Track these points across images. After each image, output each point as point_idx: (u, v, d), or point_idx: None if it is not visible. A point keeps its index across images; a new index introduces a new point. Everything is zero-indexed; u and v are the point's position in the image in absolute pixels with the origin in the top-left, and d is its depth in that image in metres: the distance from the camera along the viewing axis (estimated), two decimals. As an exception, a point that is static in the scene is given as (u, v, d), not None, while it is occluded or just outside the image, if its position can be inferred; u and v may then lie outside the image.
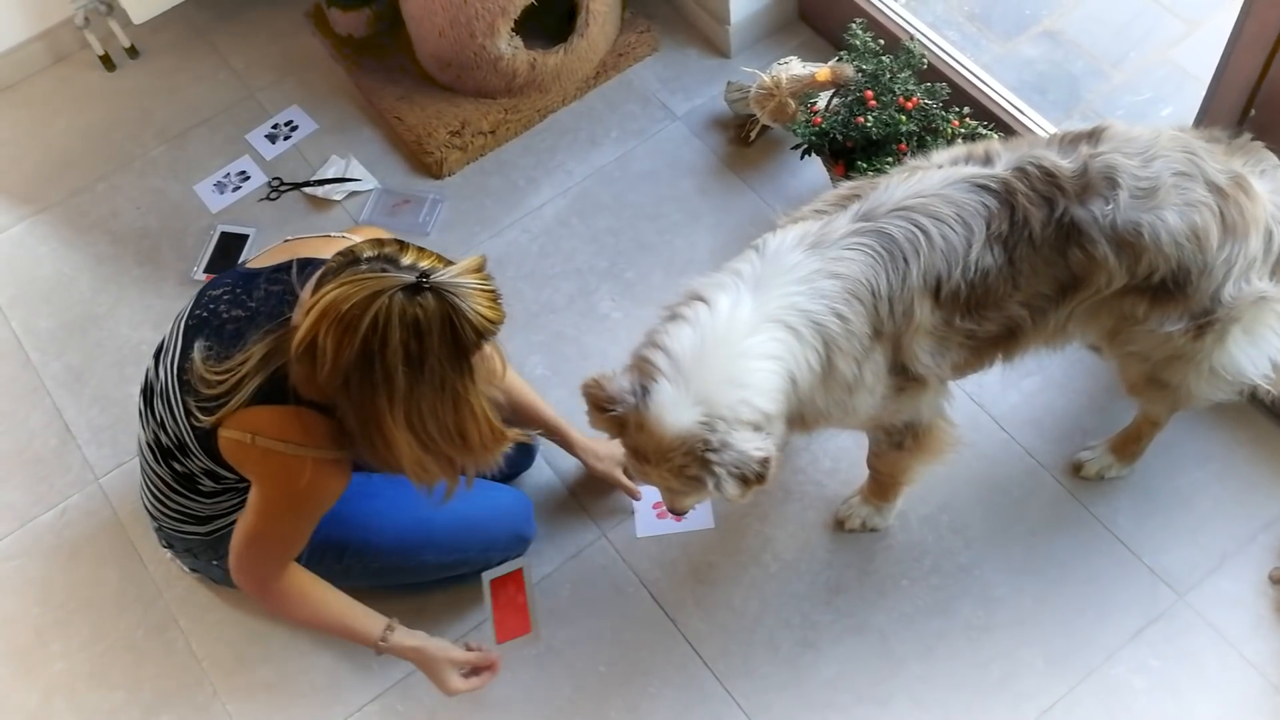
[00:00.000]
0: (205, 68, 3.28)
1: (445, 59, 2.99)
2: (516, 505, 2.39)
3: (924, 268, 1.87)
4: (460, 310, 1.71)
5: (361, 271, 1.71)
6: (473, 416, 1.83)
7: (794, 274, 1.86)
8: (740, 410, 1.81)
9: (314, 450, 1.88)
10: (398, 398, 1.75)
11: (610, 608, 2.38)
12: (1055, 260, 1.91)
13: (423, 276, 1.70)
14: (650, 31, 3.16)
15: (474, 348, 1.76)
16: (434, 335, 1.71)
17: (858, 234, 1.88)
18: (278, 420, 1.86)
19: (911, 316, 1.89)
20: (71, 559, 2.53)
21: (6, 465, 2.67)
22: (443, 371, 1.75)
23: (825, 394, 1.92)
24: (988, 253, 1.88)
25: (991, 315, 1.94)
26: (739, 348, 1.83)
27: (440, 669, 2.18)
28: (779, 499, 2.46)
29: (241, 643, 2.40)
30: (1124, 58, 3.05)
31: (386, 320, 1.68)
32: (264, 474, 1.93)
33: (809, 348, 1.85)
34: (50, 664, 2.41)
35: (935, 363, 1.96)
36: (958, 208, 1.88)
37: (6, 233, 3.04)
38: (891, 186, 1.92)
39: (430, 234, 2.91)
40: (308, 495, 1.93)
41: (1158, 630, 2.27)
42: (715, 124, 3.03)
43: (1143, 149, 1.90)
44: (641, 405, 1.84)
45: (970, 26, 3.13)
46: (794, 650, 2.30)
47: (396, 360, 1.71)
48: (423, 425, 1.80)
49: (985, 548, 2.37)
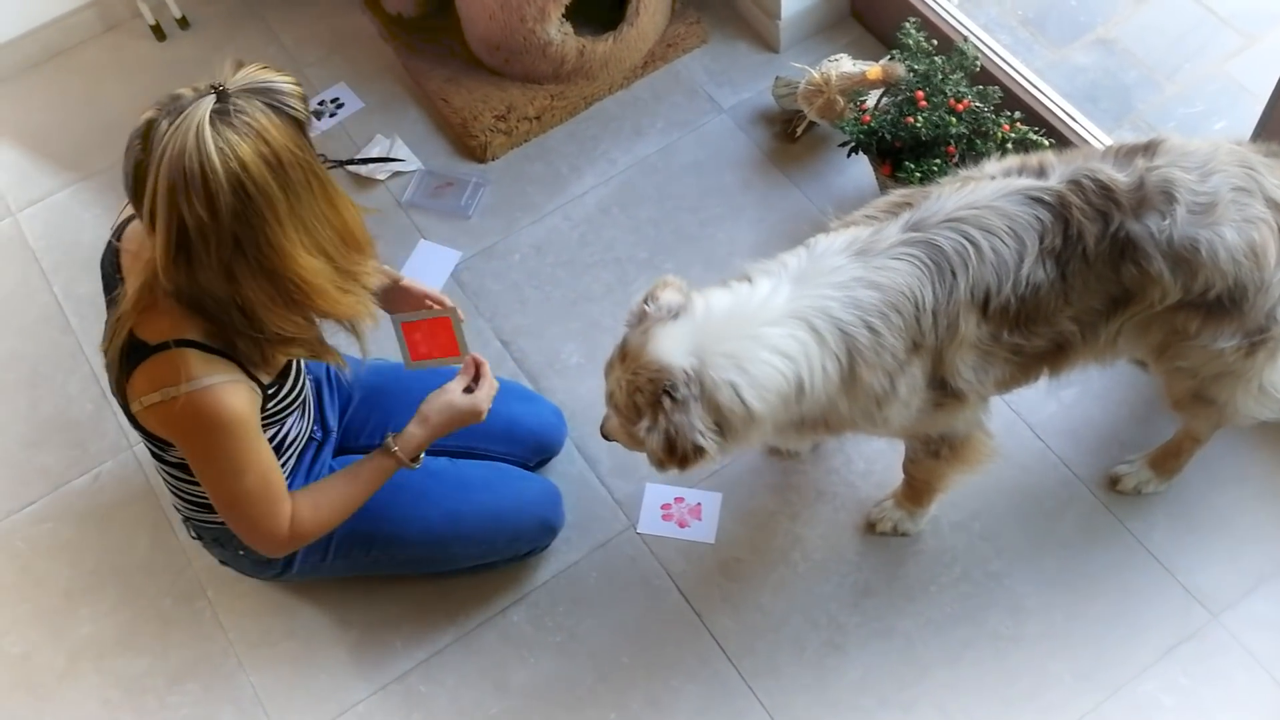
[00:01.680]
0: (254, 41, 3.28)
1: (494, 42, 2.99)
2: (545, 494, 2.38)
3: (972, 281, 1.84)
4: (271, 90, 1.65)
5: (164, 132, 1.60)
6: (342, 202, 1.77)
7: (833, 278, 1.85)
8: (722, 392, 1.80)
9: (186, 384, 1.76)
10: (284, 215, 1.66)
11: (636, 599, 2.38)
12: (1108, 275, 1.88)
13: (216, 88, 1.63)
14: (700, 23, 3.15)
15: (306, 115, 1.70)
16: (270, 126, 1.63)
17: (906, 244, 1.86)
18: (150, 374, 1.78)
19: (955, 330, 1.87)
20: (103, 524, 2.55)
21: (43, 429, 2.69)
22: (298, 157, 1.66)
23: (849, 402, 1.90)
24: (1040, 267, 1.85)
25: (1041, 330, 1.91)
26: (756, 332, 1.82)
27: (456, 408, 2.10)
28: (811, 498, 2.45)
29: (267, 615, 2.41)
30: (1178, 69, 3.01)
31: (228, 142, 1.59)
32: (173, 433, 1.86)
33: (829, 354, 1.83)
34: (78, 627, 2.43)
35: (977, 378, 1.94)
36: (1010, 220, 1.85)
37: (51, 198, 3.06)
38: (943, 197, 1.89)
39: (472, 217, 2.91)
40: (219, 429, 1.81)
41: (1189, 649, 2.24)
42: (761, 118, 3.01)
43: (1200, 163, 1.86)
44: (657, 318, 1.86)
45: (1023, 31, 3.10)
46: (819, 651, 2.29)
47: (263, 173, 1.62)
48: (316, 238, 1.72)
49: (1016, 557, 2.35)
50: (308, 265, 1.72)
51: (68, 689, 2.37)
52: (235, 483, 1.88)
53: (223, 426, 1.81)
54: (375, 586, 2.40)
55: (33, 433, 2.69)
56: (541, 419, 2.46)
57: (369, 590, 2.40)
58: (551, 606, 2.38)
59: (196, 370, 1.76)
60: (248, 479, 1.88)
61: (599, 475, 2.52)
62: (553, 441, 2.48)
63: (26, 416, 2.71)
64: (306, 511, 1.99)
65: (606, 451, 2.54)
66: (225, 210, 1.61)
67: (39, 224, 3.02)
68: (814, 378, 1.84)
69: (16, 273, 2.94)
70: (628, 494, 2.49)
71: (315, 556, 2.22)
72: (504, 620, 2.37)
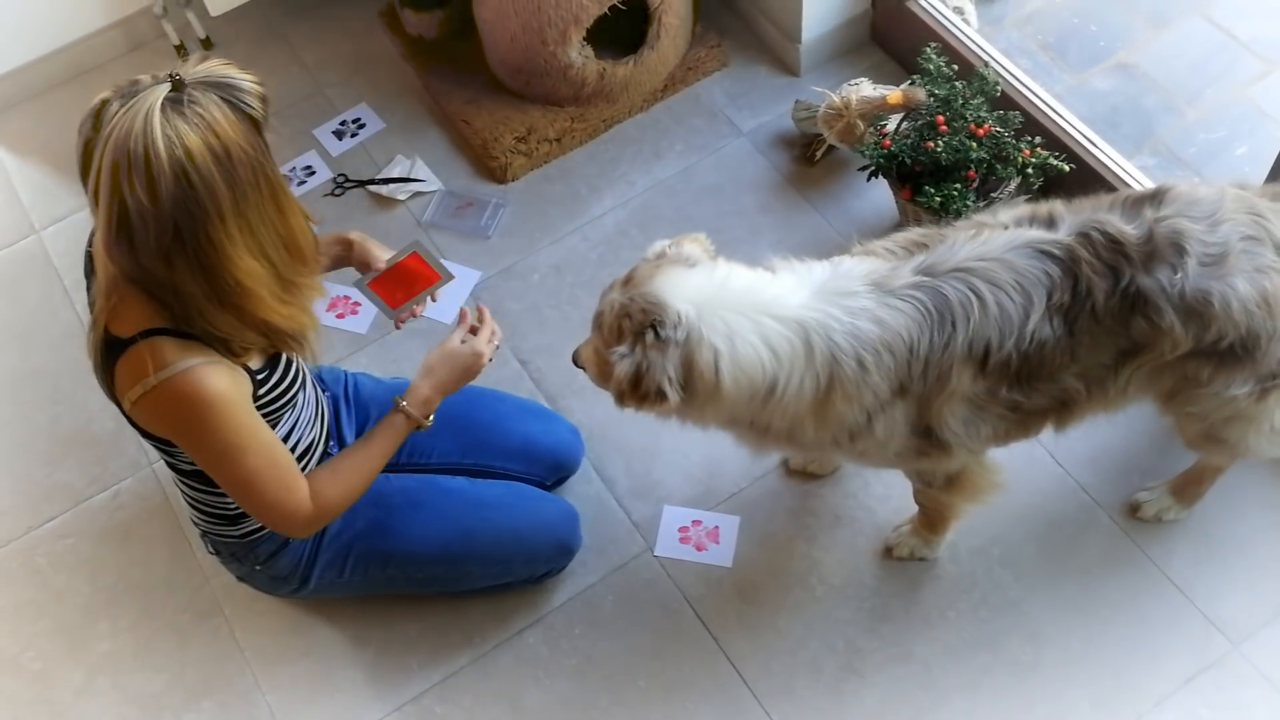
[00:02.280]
0: (277, 62, 3.31)
1: (516, 65, 3.00)
2: (562, 515, 2.38)
3: (971, 335, 1.83)
4: (228, 85, 1.64)
5: (114, 113, 1.60)
6: (290, 210, 1.75)
7: (846, 302, 1.85)
8: (703, 352, 1.79)
9: (163, 371, 1.73)
10: (227, 213, 1.64)
11: (653, 622, 2.37)
12: (1117, 330, 1.86)
13: (173, 76, 1.62)
14: (720, 47, 3.16)
15: (263, 119, 1.68)
16: (222, 120, 1.61)
17: (915, 287, 1.85)
18: (127, 369, 1.75)
19: (946, 381, 1.86)
20: (123, 541, 2.56)
21: (64, 446, 2.71)
22: (249, 155, 1.64)
23: (817, 425, 1.90)
24: (1046, 324, 1.84)
25: (1043, 387, 1.90)
26: (759, 318, 1.82)
27: (457, 353, 2.08)
28: (828, 523, 2.44)
29: (284, 634, 2.42)
30: (1199, 94, 3.01)
31: (176, 130, 1.57)
32: (160, 427, 1.83)
33: (811, 372, 1.83)
34: (97, 643, 2.44)
35: (967, 432, 1.93)
36: (1018, 275, 1.83)
37: (74, 216, 3.08)
38: (957, 244, 1.88)
39: (492, 237, 2.92)
40: (205, 410, 1.76)
41: (1209, 679, 2.22)
42: (781, 142, 3.02)
43: (1208, 212, 1.85)
44: (675, 259, 1.87)
45: (1044, 56, 3.10)
46: (837, 675, 2.28)
47: (208, 165, 1.59)
48: (259, 244, 1.70)
49: (1036, 583, 2.34)
50: (246, 268, 1.69)
51: (85, 705, 2.38)
52: (239, 464, 1.83)
53: (208, 406, 1.75)
54: (392, 606, 2.41)
55: (54, 449, 2.70)
56: (559, 438, 2.46)
57: (386, 610, 2.41)
58: (568, 628, 2.37)
59: (169, 356, 1.72)
60: (250, 458, 1.83)
61: (616, 497, 2.52)
62: (570, 460, 2.48)
63: (48, 433, 2.73)
64: (326, 482, 1.96)
65: (624, 472, 2.54)
66: (166, 196, 1.59)
67: (62, 241, 3.05)
68: (789, 387, 1.84)
69: (39, 290, 2.97)
70: (645, 516, 2.49)
71: (332, 573, 2.22)
72: (520, 642, 2.37)
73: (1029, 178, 2.53)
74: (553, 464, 2.44)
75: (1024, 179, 2.55)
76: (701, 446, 2.54)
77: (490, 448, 2.36)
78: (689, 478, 2.52)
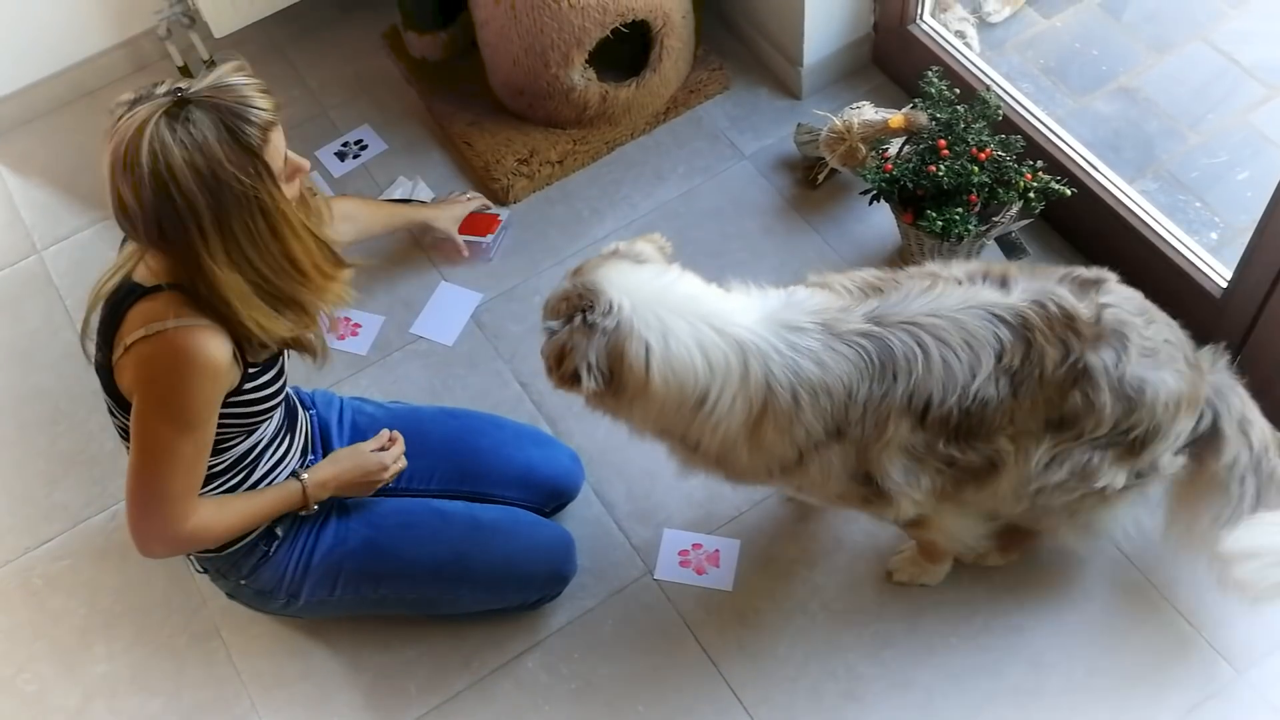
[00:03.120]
0: (280, 83, 3.32)
1: (518, 87, 3.01)
2: (558, 542, 2.36)
3: (913, 388, 1.86)
4: (230, 109, 1.68)
5: (121, 118, 1.68)
6: (291, 230, 1.77)
7: (791, 337, 1.86)
8: (633, 344, 1.81)
9: (174, 320, 1.77)
10: (208, 226, 1.68)
11: (652, 646, 2.35)
12: (1055, 399, 1.90)
13: (175, 91, 1.68)
14: (722, 70, 3.16)
15: (260, 146, 1.70)
16: (214, 143, 1.66)
17: (863, 335, 1.87)
18: (142, 312, 1.80)
19: (884, 430, 1.88)
20: (120, 563, 2.55)
21: (63, 466, 2.70)
22: (240, 180, 1.68)
23: (750, 452, 1.91)
24: (992, 384, 1.87)
25: (979, 445, 1.93)
26: (699, 325, 1.84)
27: (363, 455, 2.15)
28: (830, 547, 2.43)
29: (281, 657, 2.40)
30: (1201, 119, 3.01)
31: (163, 145, 1.64)
32: (139, 375, 1.82)
33: (744, 395, 1.84)
34: (93, 666, 2.43)
35: (907, 482, 1.94)
36: (968, 335, 1.86)
37: (76, 236, 3.09)
38: (910, 295, 1.90)
39: (493, 259, 2.92)
40: (193, 370, 1.78)
41: (1214, 707, 2.20)
42: (783, 165, 3.02)
43: (1140, 310, 1.95)
44: (623, 254, 1.91)
45: (1046, 80, 3.10)
46: (837, 702, 2.26)
47: (189, 181, 1.65)
48: (247, 254, 1.73)
49: (1039, 610, 2.32)
50: (226, 279, 1.74)
51: (80, 729, 2.36)
52: (175, 440, 1.83)
53: (196, 369, 1.78)
54: (390, 630, 2.39)
55: (53, 469, 2.70)
56: (558, 464, 2.45)
57: (384, 634, 2.39)
58: (567, 653, 2.36)
59: (186, 311, 1.78)
60: (188, 443, 1.84)
61: (616, 520, 2.51)
62: (569, 487, 2.47)
63: (47, 453, 2.72)
64: (210, 512, 1.97)
65: (624, 496, 2.53)
66: (147, 203, 1.67)
67: (63, 261, 3.05)
68: (720, 403, 1.85)
69: (40, 310, 2.97)
70: (645, 540, 2.48)
71: (323, 590, 2.21)
72: (519, 666, 2.35)
73: (1031, 202, 2.53)
74: (552, 491, 2.43)
75: (1026, 203, 2.54)
76: (702, 470, 2.53)
77: (489, 474, 2.35)
78: (689, 501, 2.51)
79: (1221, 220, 2.81)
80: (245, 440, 2.01)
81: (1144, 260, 2.59)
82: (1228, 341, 2.46)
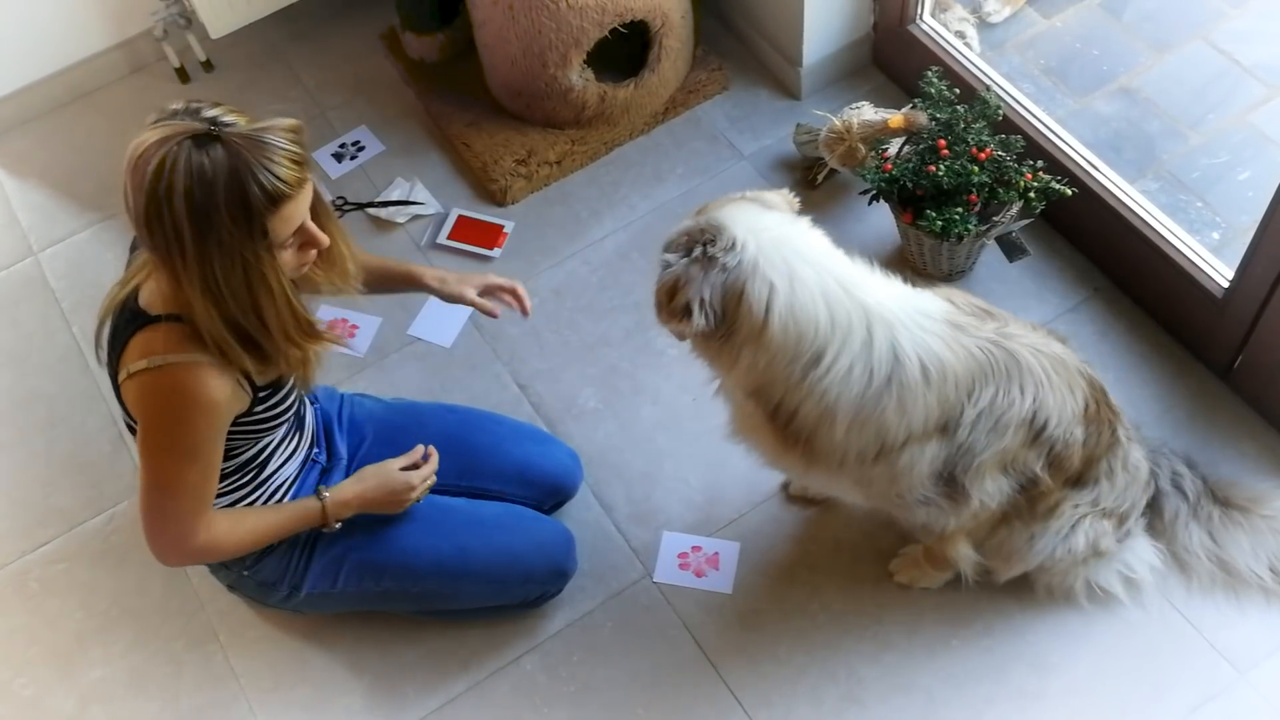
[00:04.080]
0: (277, 84, 3.31)
1: (516, 88, 3.00)
2: (558, 538, 2.35)
3: (1037, 405, 1.88)
4: (248, 164, 1.65)
5: (162, 121, 1.67)
6: (268, 292, 1.76)
7: (920, 320, 1.82)
8: (755, 285, 1.72)
9: (174, 355, 1.77)
10: (189, 255, 1.68)
11: (652, 649, 2.34)
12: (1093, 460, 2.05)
13: (213, 125, 1.66)
14: (721, 70, 3.15)
15: (264, 211, 1.68)
16: (219, 189, 1.64)
17: (991, 343, 1.86)
18: (142, 343, 1.80)
19: (1001, 437, 1.88)
20: (118, 566, 2.53)
21: (60, 469, 2.69)
22: (231, 232, 1.67)
23: (850, 428, 1.83)
24: (1080, 427, 1.96)
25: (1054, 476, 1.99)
26: (826, 278, 1.75)
27: (390, 474, 2.12)
28: (830, 549, 2.42)
29: (279, 661, 2.39)
30: (1202, 119, 3.00)
31: (172, 166, 1.63)
32: (139, 406, 1.83)
33: (864, 363, 1.77)
34: (90, 670, 2.41)
35: (994, 492, 1.96)
36: (1071, 378, 1.95)
37: (73, 238, 3.08)
38: (1024, 328, 1.93)
39: (491, 261, 2.91)
40: (192, 408, 1.80)
41: (1216, 708, 2.19)
42: (782, 165, 3.01)
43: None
44: (755, 198, 1.84)
45: (1046, 80, 3.09)
46: (838, 705, 2.25)
47: (181, 210, 1.64)
48: (218, 292, 1.72)
49: (1040, 611, 2.31)
50: (199, 306, 1.73)
51: (77, 733, 2.35)
52: (179, 469, 1.85)
53: (193, 406, 1.79)
54: (389, 632, 2.38)
55: (49, 472, 2.68)
56: (557, 462, 2.44)
57: (382, 636, 2.38)
58: (566, 656, 2.35)
59: (185, 346, 1.77)
60: (193, 471, 1.86)
61: (615, 522, 2.50)
62: (568, 485, 2.46)
63: (44, 456, 2.71)
64: (225, 525, 1.97)
65: (624, 498, 2.52)
66: (141, 209, 1.67)
67: (60, 263, 3.04)
68: (836, 366, 1.76)
69: (37, 312, 2.95)
70: (644, 542, 2.47)
71: (325, 582, 2.20)
72: (517, 669, 2.34)
73: (1031, 202, 2.52)
74: (550, 488, 2.42)
75: (1026, 203, 2.53)
76: (702, 472, 2.52)
77: (487, 471, 2.34)
78: (689, 504, 2.50)
79: (1223, 220, 2.80)
80: (254, 446, 2.02)
81: (1145, 260, 2.58)
82: (1229, 342, 2.46)
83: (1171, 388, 2.55)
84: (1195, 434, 2.47)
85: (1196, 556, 2.28)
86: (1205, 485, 2.31)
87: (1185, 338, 2.59)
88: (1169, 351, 2.60)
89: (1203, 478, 2.32)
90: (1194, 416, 2.50)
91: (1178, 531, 2.28)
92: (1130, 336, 2.63)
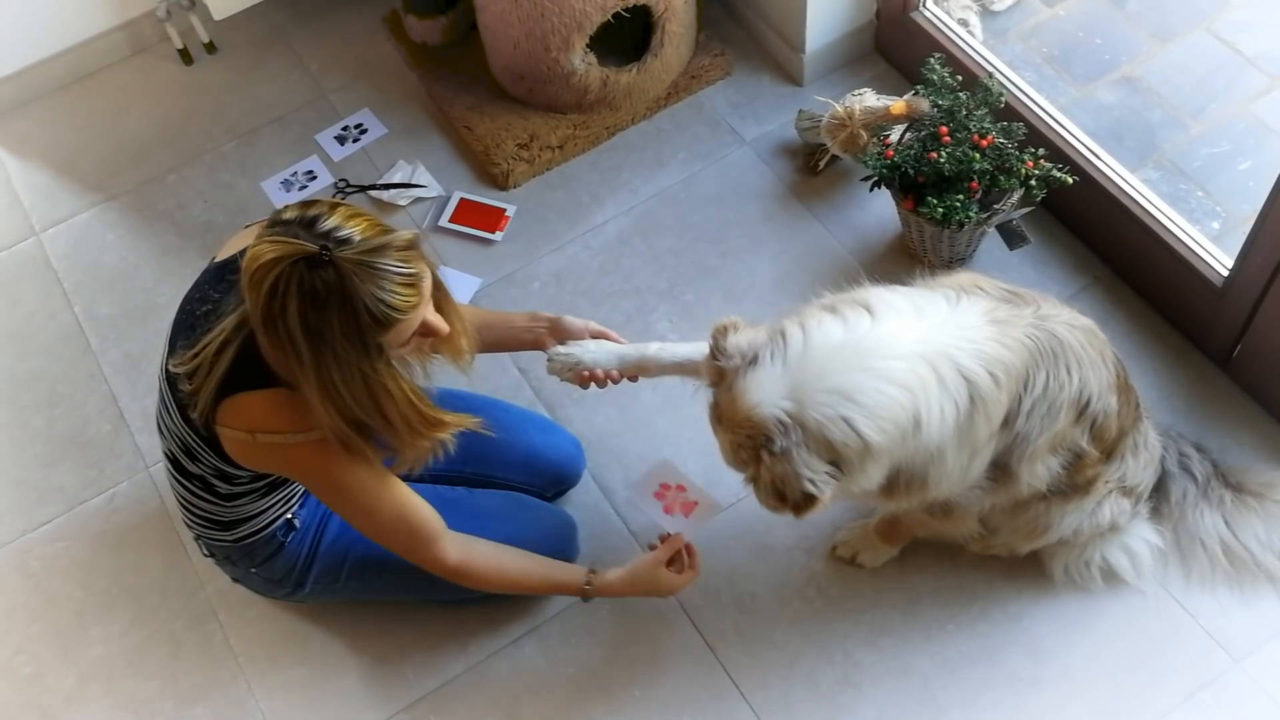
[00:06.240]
0: (280, 67, 3.31)
1: (519, 71, 3.00)
2: (560, 525, 2.36)
3: (1081, 383, 1.89)
4: (357, 292, 1.66)
5: (277, 233, 1.68)
6: (389, 397, 1.78)
7: (966, 333, 1.83)
8: (831, 429, 1.73)
9: (315, 432, 1.82)
10: (306, 364, 1.71)
11: (650, 632, 2.35)
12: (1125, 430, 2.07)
13: (325, 249, 1.65)
14: (724, 55, 3.15)
15: (375, 331, 1.70)
16: (332, 311, 1.66)
17: (1034, 327, 1.88)
18: (266, 408, 1.82)
19: (1055, 420, 1.89)
20: (117, 545, 2.54)
21: (60, 448, 2.69)
22: (345, 348, 1.69)
23: (956, 452, 1.84)
24: (1113, 396, 1.97)
25: (1095, 448, 2.00)
26: (873, 365, 1.75)
27: (660, 580, 2.15)
28: (827, 534, 2.43)
29: (279, 641, 2.40)
30: (1203, 109, 3.00)
31: (285, 288, 1.65)
32: (294, 470, 1.90)
33: (949, 397, 1.78)
34: (89, 648, 2.42)
35: (1042, 476, 1.97)
36: (1103, 348, 1.98)
37: (75, 219, 3.08)
38: (1055, 305, 1.95)
39: (492, 244, 2.91)
40: (343, 473, 1.88)
41: (1211, 695, 2.20)
42: (784, 151, 3.01)
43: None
44: (741, 371, 1.78)
45: (1048, 68, 3.09)
46: (834, 688, 2.26)
47: (296, 328, 1.67)
48: (339, 398, 1.74)
49: (1036, 596, 2.32)
50: (318, 407, 1.77)
51: (76, 711, 2.36)
52: (367, 522, 1.97)
53: (349, 472, 1.88)
54: (388, 614, 2.39)
55: (50, 452, 2.69)
56: (561, 450, 2.44)
57: (381, 617, 2.39)
58: (564, 638, 2.36)
59: (298, 423, 1.82)
60: (381, 518, 1.96)
61: (614, 506, 2.51)
62: (571, 473, 2.47)
63: (44, 436, 2.72)
64: (487, 563, 2.08)
65: (622, 482, 2.52)
66: (259, 321, 1.71)
67: (62, 244, 3.04)
68: (930, 415, 1.77)
69: (38, 292, 2.96)
70: (642, 526, 2.47)
71: (329, 578, 2.21)
72: (516, 651, 2.35)
73: (1032, 189, 2.52)
74: (554, 476, 2.43)
75: (1027, 191, 2.54)
76: (699, 457, 2.52)
77: (492, 458, 2.35)
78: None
79: (1223, 209, 2.80)
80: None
81: (1145, 249, 2.59)
82: (1228, 331, 2.47)
83: (1170, 376, 2.56)
84: (1194, 422, 2.48)
85: (1208, 537, 2.27)
86: (1215, 469, 2.31)
87: (1184, 326, 2.60)
88: (1168, 340, 2.61)
89: (1213, 461, 2.32)
90: (1192, 405, 2.51)
91: (1186, 512, 2.28)
92: (1130, 325, 2.63)
